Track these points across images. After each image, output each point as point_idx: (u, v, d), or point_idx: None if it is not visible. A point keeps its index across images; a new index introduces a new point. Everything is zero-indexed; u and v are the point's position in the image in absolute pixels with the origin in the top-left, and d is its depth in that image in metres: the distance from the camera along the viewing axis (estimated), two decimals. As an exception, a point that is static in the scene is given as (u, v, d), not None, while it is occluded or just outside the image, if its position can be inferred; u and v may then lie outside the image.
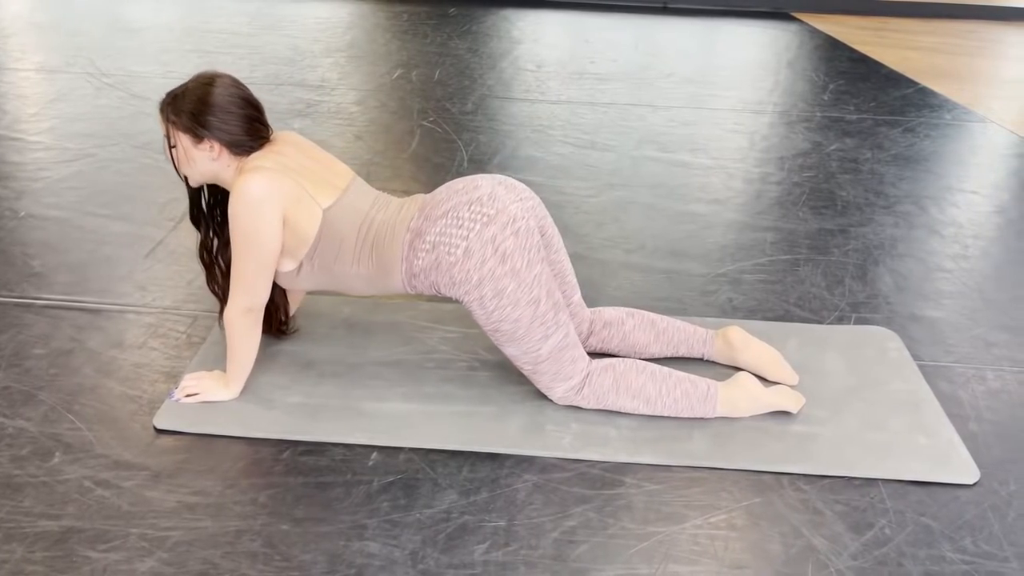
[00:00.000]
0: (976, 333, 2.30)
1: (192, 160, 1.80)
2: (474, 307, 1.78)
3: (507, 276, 1.73)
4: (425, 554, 1.54)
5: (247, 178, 1.72)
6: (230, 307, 1.81)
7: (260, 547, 1.54)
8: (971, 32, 5.92)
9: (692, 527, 1.63)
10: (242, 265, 1.76)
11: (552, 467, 1.76)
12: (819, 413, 1.93)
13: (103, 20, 5.21)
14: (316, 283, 1.88)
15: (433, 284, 1.79)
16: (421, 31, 5.29)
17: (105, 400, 1.90)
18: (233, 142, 1.77)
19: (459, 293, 1.77)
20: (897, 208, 3.06)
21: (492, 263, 1.72)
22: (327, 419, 1.86)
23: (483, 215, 1.73)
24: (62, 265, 2.45)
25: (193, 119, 1.75)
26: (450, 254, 1.73)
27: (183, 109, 1.75)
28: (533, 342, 1.79)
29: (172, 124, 1.78)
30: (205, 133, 1.75)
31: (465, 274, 1.73)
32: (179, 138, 1.78)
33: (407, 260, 1.79)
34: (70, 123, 3.51)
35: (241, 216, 1.72)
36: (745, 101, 4.21)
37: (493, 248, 1.72)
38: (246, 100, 1.79)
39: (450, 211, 1.76)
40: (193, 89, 1.76)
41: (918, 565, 1.56)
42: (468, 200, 1.76)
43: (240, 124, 1.76)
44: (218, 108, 1.74)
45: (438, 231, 1.75)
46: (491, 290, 1.73)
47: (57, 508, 1.60)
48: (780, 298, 2.44)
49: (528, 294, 1.75)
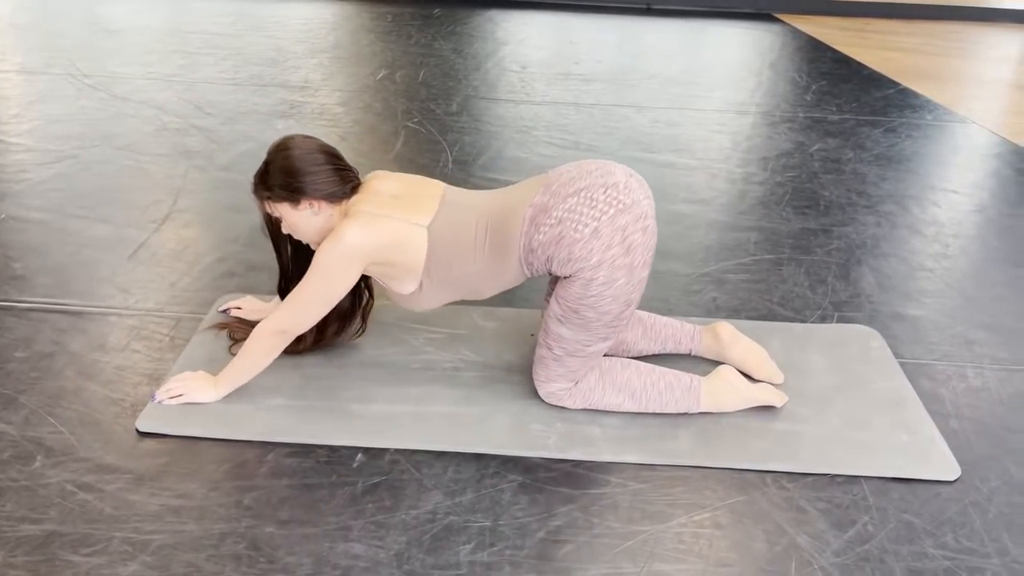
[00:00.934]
0: (957, 331, 2.33)
1: (299, 224, 1.86)
2: (576, 285, 1.75)
3: (624, 268, 1.73)
4: (410, 555, 1.54)
5: (347, 224, 1.77)
6: (269, 322, 1.83)
7: (244, 549, 1.53)
8: (952, 33, 5.98)
9: (677, 525, 1.63)
10: (305, 292, 1.80)
11: (537, 467, 1.76)
12: (802, 411, 1.94)
13: (84, 21, 5.17)
14: (439, 296, 1.88)
15: (549, 259, 1.78)
16: (405, 32, 5.28)
17: (87, 403, 1.88)
18: (328, 193, 1.83)
19: (571, 269, 1.75)
20: (879, 208, 3.09)
21: (617, 251, 1.72)
22: (312, 420, 1.85)
23: (619, 202, 1.73)
24: (44, 267, 2.43)
25: (286, 187, 1.81)
26: (576, 231, 1.72)
27: (274, 183, 1.82)
28: (594, 338, 1.80)
29: (268, 200, 1.85)
30: (301, 196, 1.81)
31: (587, 252, 1.72)
32: (279, 209, 1.85)
33: (526, 235, 1.78)
34: (51, 124, 3.49)
35: (328, 256, 1.77)
36: (728, 102, 4.23)
37: (622, 237, 1.72)
38: (324, 151, 1.85)
39: (583, 190, 1.75)
40: (274, 161, 1.83)
41: (900, 562, 1.57)
42: (604, 184, 1.75)
43: (328, 175, 1.82)
44: (303, 169, 1.81)
45: (567, 207, 1.74)
46: (604, 275, 1.73)
47: (39, 512, 1.59)
48: (763, 297, 2.45)
49: (629, 293, 1.77)
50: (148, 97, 3.86)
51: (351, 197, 1.86)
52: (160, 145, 3.34)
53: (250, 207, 2.86)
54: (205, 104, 3.81)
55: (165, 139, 3.41)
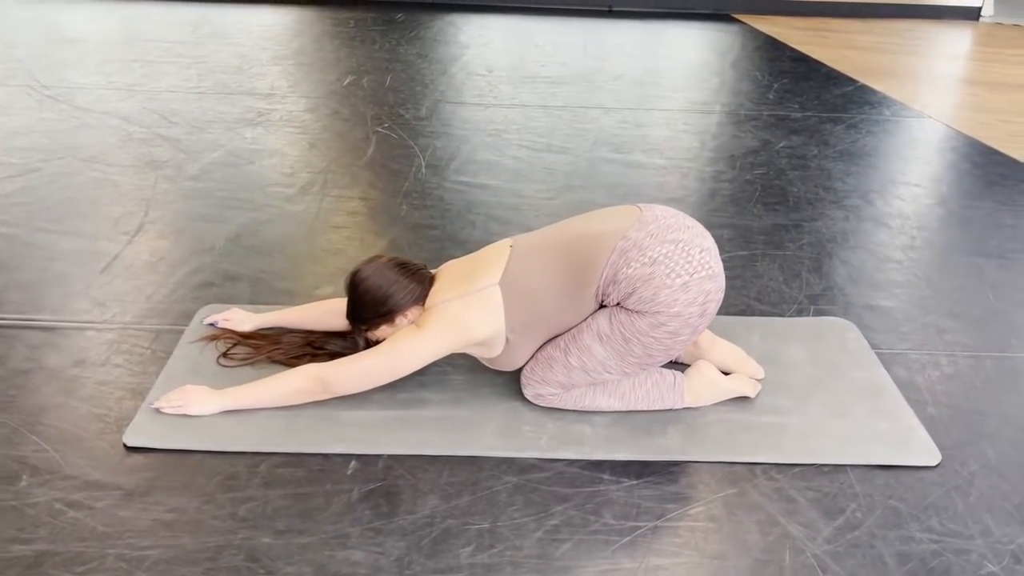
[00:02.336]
0: (928, 320, 2.39)
1: None
2: (643, 322, 1.79)
3: (691, 328, 1.81)
4: (411, 560, 1.54)
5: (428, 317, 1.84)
6: (317, 367, 1.85)
7: (243, 561, 1.52)
8: (906, 31, 6.13)
9: (672, 520, 1.66)
10: (368, 365, 1.84)
11: (531, 467, 1.77)
12: (785, 403, 1.98)
13: (39, 31, 5.06)
14: (530, 345, 1.89)
15: (628, 294, 1.80)
16: (369, 37, 5.26)
17: (70, 420, 1.85)
18: (415, 299, 1.88)
19: (649, 307, 1.78)
20: (845, 202, 3.16)
21: (695, 310, 1.79)
22: (301, 430, 1.84)
23: (710, 267, 1.81)
24: (13, 283, 2.38)
25: (378, 316, 1.88)
26: (669, 277, 1.77)
27: (367, 316, 1.89)
28: (619, 369, 1.86)
29: (368, 332, 1.93)
30: (393, 314, 1.88)
31: (672, 300, 1.77)
32: (380, 333, 1.92)
33: (613, 266, 1.80)
34: (12, 137, 3.41)
35: (406, 342, 1.83)
36: (693, 101, 4.29)
37: (703, 299, 1.80)
38: (393, 266, 1.89)
39: (682, 243, 1.81)
40: (357, 299, 1.89)
41: (889, 546, 1.62)
42: (700, 245, 1.83)
43: (407, 287, 1.88)
44: (385, 294, 1.87)
45: (665, 252, 1.79)
46: (674, 326, 1.80)
47: (28, 532, 1.56)
48: (740, 293, 2.49)
49: (678, 349, 1.85)
50: (111, 107, 3.80)
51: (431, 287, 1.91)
52: (126, 156, 3.29)
53: (224, 217, 2.84)
54: (170, 113, 3.76)
55: (131, 150, 3.35)
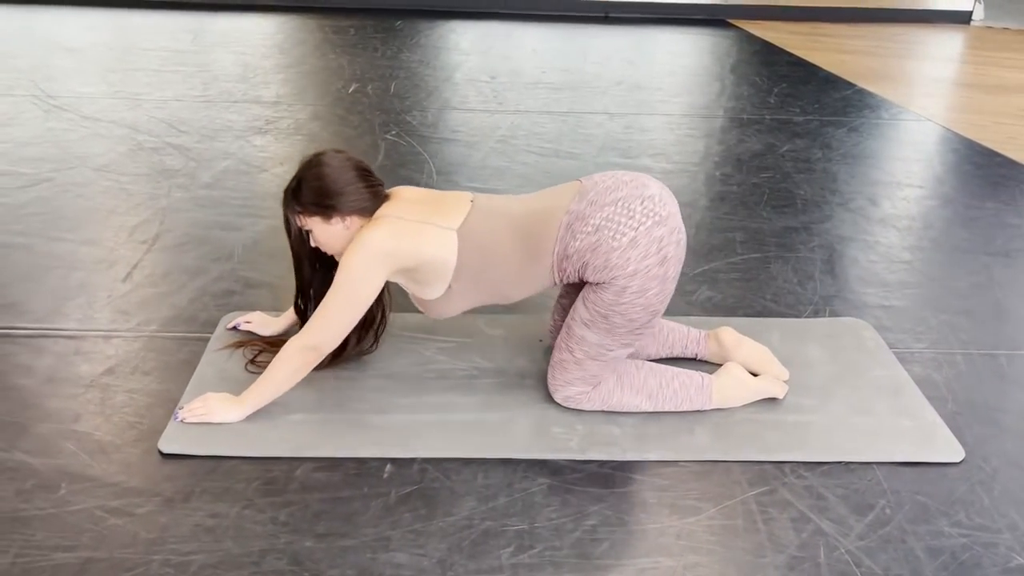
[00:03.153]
0: (941, 319, 2.43)
1: (329, 239, 1.86)
2: (609, 292, 1.79)
3: (657, 279, 1.77)
4: (453, 561, 1.56)
5: (371, 229, 1.78)
6: (296, 339, 1.82)
7: (287, 565, 1.54)
8: (897, 35, 6.21)
9: (706, 518, 1.68)
10: (332, 304, 1.79)
11: (563, 469, 1.80)
12: (809, 402, 2.02)
13: (37, 40, 5.05)
14: (467, 301, 1.89)
15: (583, 267, 1.80)
16: (371, 45, 5.29)
17: (103, 427, 1.86)
18: (361, 209, 1.83)
19: (606, 277, 1.78)
20: (852, 204, 3.20)
21: (652, 261, 1.76)
22: (335, 434, 1.86)
23: (655, 214, 1.77)
24: (36, 293, 2.38)
25: (318, 204, 1.81)
26: (614, 239, 1.75)
27: (307, 200, 1.82)
28: (617, 345, 1.84)
29: (300, 214, 1.85)
30: (333, 212, 1.82)
31: (624, 260, 1.75)
32: (310, 223, 1.85)
33: (562, 241, 1.80)
34: (22, 147, 3.41)
35: (353, 262, 1.77)
36: (695, 106, 4.33)
37: (657, 247, 1.76)
38: (356, 167, 1.85)
39: (620, 200, 1.78)
40: (307, 178, 1.83)
41: (920, 541, 1.65)
42: (640, 195, 1.79)
43: (360, 191, 1.83)
44: (336, 187, 1.81)
45: (605, 216, 1.77)
46: (638, 284, 1.76)
47: (71, 540, 1.57)
48: (756, 295, 2.53)
49: (658, 304, 1.81)
50: (118, 116, 3.80)
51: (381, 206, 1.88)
52: (138, 165, 3.30)
53: (240, 225, 2.85)
54: (178, 122, 3.77)
55: (142, 159, 3.36)
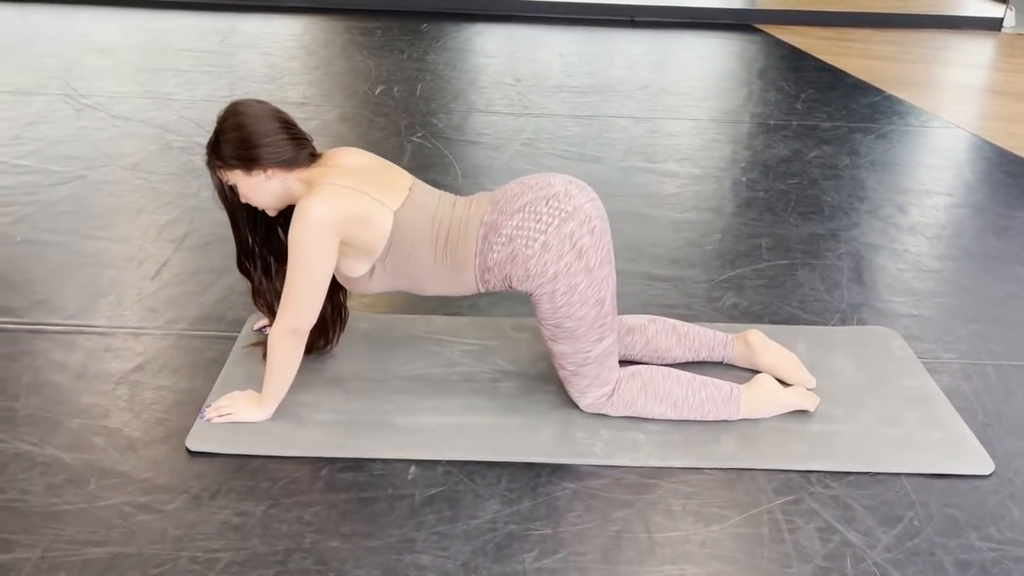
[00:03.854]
0: (971, 329, 2.40)
1: (253, 192, 1.83)
2: (544, 301, 1.80)
3: (581, 272, 1.77)
4: (477, 564, 1.56)
5: (311, 199, 1.74)
6: (276, 326, 1.82)
7: (312, 564, 1.55)
8: (925, 41, 6.14)
9: (731, 526, 1.67)
10: (294, 284, 1.77)
11: (588, 474, 1.79)
12: (836, 411, 2.00)
13: (71, 41, 5.12)
14: (389, 285, 1.88)
15: (506, 277, 1.81)
16: (397, 47, 5.31)
17: (133, 424, 1.88)
18: (282, 160, 1.79)
19: (532, 286, 1.79)
20: (880, 212, 3.17)
21: (569, 258, 1.76)
22: (360, 435, 1.87)
23: (561, 211, 1.77)
24: (68, 290, 2.41)
25: (238, 157, 1.78)
26: (527, 247, 1.76)
27: (226, 153, 1.79)
28: (589, 342, 1.83)
29: (220, 168, 1.82)
30: (254, 164, 1.78)
31: (542, 267, 1.76)
32: (233, 176, 1.82)
33: (481, 254, 1.80)
34: (54, 146, 3.46)
35: (301, 235, 1.74)
36: (722, 111, 4.31)
37: (571, 244, 1.76)
38: (276, 118, 1.81)
39: (527, 206, 1.78)
40: (225, 130, 1.79)
41: (949, 554, 1.63)
42: (545, 196, 1.79)
43: (281, 143, 1.79)
44: (255, 138, 1.77)
45: (515, 224, 1.77)
46: (564, 285, 1.77)
47: (101, 534, 1.59)
48: (783, 302, 2.51)
49: (596, 293, 1.80)
50: (148, 116, 3.85)
51: (309, 165, 1.83)
52: (168, 164, 3.33)
53: (268, 224, 2.87)
54: (206, 122, 3.80)
55: (172, 158, 3.40)
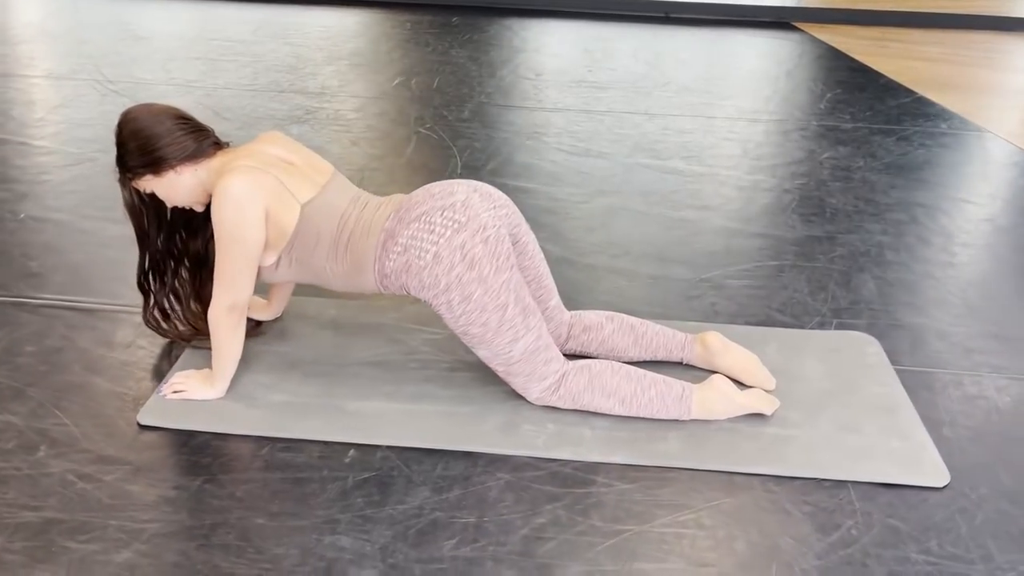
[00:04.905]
0: (957, 340, 2.32)
1: (169, 191, 1.87)
2: (443, 310, 1.82)
3: (474, 282, 1.77)
4: (395, 548, 1.57)
5: (228, 178, 1.77)
6: (214, 305, 1.85)
7: (234, 540, 1.57)
8: (973, 43, 5.92)
9: (660, 525, 1.65)
10: (226, 262, 1.81)
11: (525, 466, 1.79)
12: (794, 416, 1.95)
13: (112, 29, 5.29)
14: (295, 276, 1.92)
15: (403, 286, 1.84)
16: (423, 40, 5.35)
17: (92, 396, 1.94)
18: (186, 154, 1.82)
19: (428, 296, 1.81)
20: (886, 216, 3.08)
21: (460, 269, 1.76)
22: (308, 417, 1.89)
23: (455, 222, 1.78)
24: (59, 266, 2.50)
25: (143, 165, 1.82)
26: (420, 258, 1.78)
27: (132, 163, 1.83)
28: (503, 345, 1.83)
29: (132, 179, 1.86)
30: (159, 165, 1.82)
31: (434, 279, 1.78)
32: (146, 183, 1.86)
33: (379, 260, 1.83)
34: (74, 128, 3.58)
35: (225, 214, 1.77)
36: (741, 110, 4.23)
37: (462, 255, 1.76)
38: (169, 116, 1.84)
39: (423, 215, 1.80)
40: (124, 137, 1.82)
41: (883, 566, 1.58)
42: (441, 206, 1.80)
43: (180, 138, 1.82)
44: (153, 135, 1.80)
45: (410, 234, 1.79)
46: (458, 295, 1.78)
47: (39, 500, 1.64)
48: (763, 303, 2.46)
49: (495, 300, 1.79)
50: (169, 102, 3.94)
51: (215, 154, 1.86)
52: (177, 149, 3.42)
53: (260, 210, 2.92)
54: (223, 109, 3.89)
55: (182, 143, 3.48)
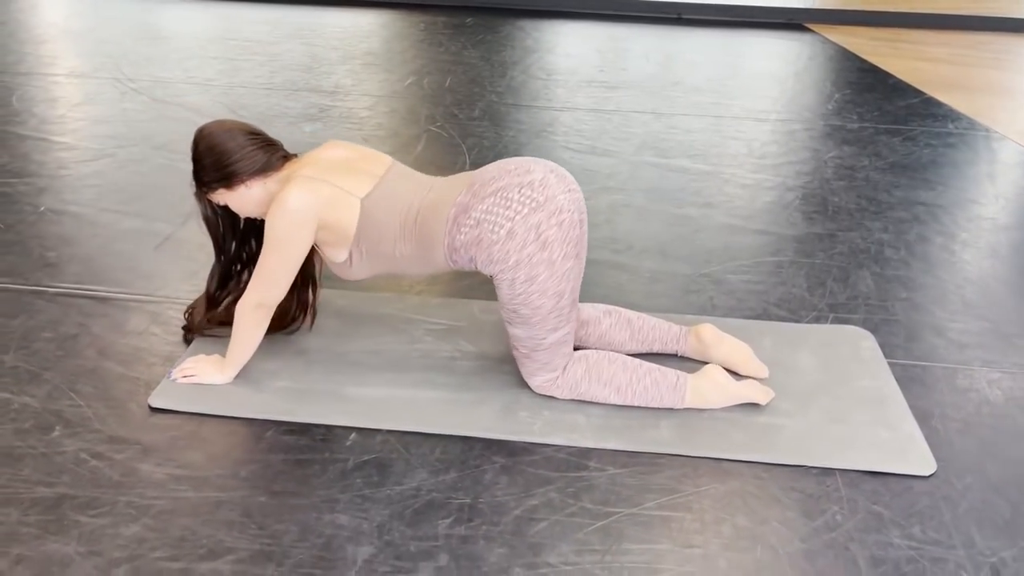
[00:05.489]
0: (951, 336, 2.35)
1: (241, 203, 1.95)
2: (503, 287, 1.85)
3: (543, 264, 1.80)
4: (391, 527, 1.63)
5: (288, 189, 1.85)
6: (244, 299, 1.93)
7: (237, 516, 1.64)
8: (984, 44, 5.91)
9: (649, 509, 1.70)
10: (268, 262, 1.88)
11: (521, 450, 1.84)
12: (785, 406, 1.99)
13: (133, 28, 5.40)
14: (370, 269, 1.97)
15: (472, 259, 1.86)
16: (436, 40, 5.42)
17: (105, 380, 2.02)
18: (256, 168, 1.91)
19: (494, 270, 1.84)
20: (888, 214, 3.10)
21: (532, 248, 1.79)
22: (311, 402, 1.96)
23: (532, 200, 1.80)
24: (75, 256, 2.58)
25: (217, 180, 1.91)
26: (493, 232, 1.80)
27: (207, 178, 1.92)
28: (543, 331, 1.88)
29: (207, 193, 1.96)
30: (234, 179, 1.91)
31: (504, 254, 1.80)
32: (220, 196, 1.95)
33: (450, 234, 1.85)
34: (94, 125, 3.68)
35: (277, 222, 1.85)
36: (749, 110, 4.27)
37: (536, 234, 1.79)
38: (241, 131, 1.93)
39: (499, 191, 1.82)
40: (200, 153, 1.92)
41: (865, 549, 1.62)
42: (519, 183, 1.82)
43: (251, 153, 1.90)
44: (226, 151, 1.89)
45: (484, 208, 1.82)
46: (524, 274, 1.81)
47: (53, 477, 1.72)
48: (761, 298, 2.50)
49: (556, 286, 1.83)
50: (186, 100, 4.04)
51: (282, 167, 1.93)
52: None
53: (271, 204, 3.00)
54: (239, 107, 3.98)
55: (198, 140, 3.57)
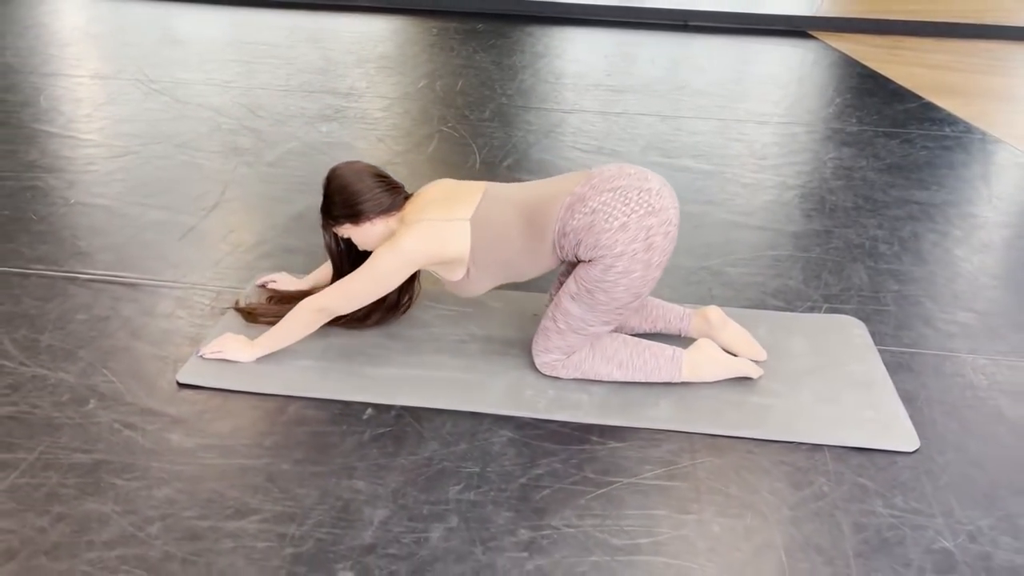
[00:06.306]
0: (940, 325, 2.45)
1: (364, 238, 2.09)
2: (597, 269, 1.96)
3: (641, 263, 1.94)
4: (405, 492, 1.75)
5: (406, 233, 1.99)
6: (314, 299, 2.05)
7: (262, 481, 1.76)
8: (983, 51, 6.02)
9: (648, 479, 1.81)
10: (358, 283, 2.02)
11: (527, 425, 1.96)
12: (777, 387, 2.10)
13: (154, 32, 5.56)
14: (486, 280, 2.08)
15: (578, 243, 1.98)
16: (448, 45, 5.55)
17: (136, 358, 2.14)
18: (382, 208, 2.06)
19: (595, 254, 1.95)
20: (883, 212, 3.21)
21: (638, 245, 1.93)
22: (331, 379, 2.08)
23: (649, 205, 1.94)
24: (105, 246, 2.71)
25: (346, 216, 2.05)
26: (607, 222, 1.93)
27: (337, 213, 2.06)
28: (598, 320, 2.01)
29: (334, 227, 2.10)
30: (360, 216, 2.05)
31: (612, 242, 1.93)
32: (345, 231, 2.09)
33: (562, 220, 1.98)
34: (118, 124, 3.82)
35: (385, 258, 2.00)
36: (752, 113, 4.38)
37: (646, 235, 1.92)
38: (370, 174, 2.07)
39: (619, 189, 1.96)
40: (331, 195, 2.06)
41: (849, 516, 1.73)
42: (639, 187, 1.96)
43: (378, 194, 2.05)
44: (356, 191, 2.04)
45: (603, 200, 1.95)
46: (624, 265, 1.94)
47: (90, 444, 1.84)
48: (758, 289, 2.61)
49: (639, 288, 1.97)
50: (206, 101, 4.18)
51: (403, 206, 2.09)
52: (214, 143, 3.64)
53: (290, 198, 3.13)
54: (257, 108, 4.12)
55: (218, 138, 3.71)
